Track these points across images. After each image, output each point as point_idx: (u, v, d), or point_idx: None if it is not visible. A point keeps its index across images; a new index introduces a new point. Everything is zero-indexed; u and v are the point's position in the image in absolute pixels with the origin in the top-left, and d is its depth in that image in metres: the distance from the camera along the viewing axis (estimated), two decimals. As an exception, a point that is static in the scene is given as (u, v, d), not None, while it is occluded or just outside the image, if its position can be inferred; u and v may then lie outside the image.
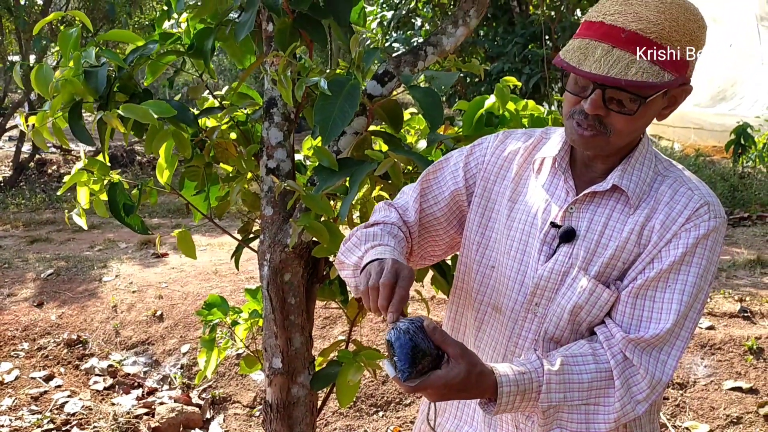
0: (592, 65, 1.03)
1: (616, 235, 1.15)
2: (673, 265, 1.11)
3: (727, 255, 4.63)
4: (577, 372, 1.08)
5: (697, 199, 1.14)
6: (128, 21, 9.01)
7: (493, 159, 1.31)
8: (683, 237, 1.12)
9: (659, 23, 1.03)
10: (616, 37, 1.04)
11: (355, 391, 2.11)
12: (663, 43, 1.04)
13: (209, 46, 2.12)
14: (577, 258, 1.17)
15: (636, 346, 1.10)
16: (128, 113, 1.85)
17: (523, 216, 1.23)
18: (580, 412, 1.09)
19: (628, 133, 1.11)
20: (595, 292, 1.15)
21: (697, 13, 1.08)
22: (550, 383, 1.07)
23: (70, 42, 2.00)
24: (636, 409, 1.10)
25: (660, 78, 1.03)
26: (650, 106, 1.08)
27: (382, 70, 1.94)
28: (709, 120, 8.92)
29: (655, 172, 1.18)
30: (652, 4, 1.04)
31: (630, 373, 1.10)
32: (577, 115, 1.10)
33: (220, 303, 2.35)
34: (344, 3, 1.94)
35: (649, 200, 1.16)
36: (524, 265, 1.21)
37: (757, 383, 3.04)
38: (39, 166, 9.69)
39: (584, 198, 1.18)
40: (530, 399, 1.07)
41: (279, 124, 2.00)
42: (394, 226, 1.30)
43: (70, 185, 2.13)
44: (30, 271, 4.83)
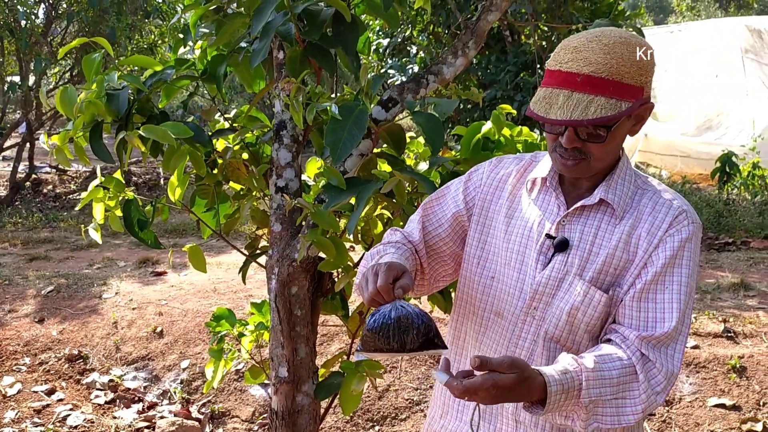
0: (557, 112, 1.19)
1: (605, 243, 1.30)
2: (666, 267, 1.25)
3: (711, 278, 4.78)
4: (607, 369, 1.20)
5: (675, 208, 1.29)
6: (128, 45, 9.16)
7: (489, 181, 1.45)
8: (669, 242, 1.26)
9: (606, 63, 1.18)
10: (573, 82, 1.19)
11: (358, 400, 2.22)
12: (614, 79, 1.18)
13: (222, 72, 2.26)
14: (572, 265, 1.31)
15: (649, 343, 1.23)
16: (149, 134, 1.97)
17: (520, 230, 1.38)
18: (611, 406, 1.20)
19: (604, 155, 1.27)
20: (588, 294, 1.28)
21: (636, 44, 1.22)
22: (589, 380, 1.17)
23: (93, 66, 2.13)
24: (657, 400, 1.22)
25: (618, 109, 1.18)
26: (618, 129, 1.24)
27: (387, 97, 2.07)
28: (695, 148, 9.14)
29: (636, 186, 1.34)
30: (597, 48, 1.19)
31: (648, 368, 1.22)
32: (559, 148, 1.27)
33: (228, 315, 2.46)
34: (352, 33, 2.08)
35: (632, 212, 1.31)
36: (523, 274, 1.35)
37: (740, 400, 3.16)
38: (35, 185, 9.76)
39: (575, 211, 1.33)
40: (572, 397, 1.17)
41: (288, 146, 2.13)
42: (397, 243, 1.44)
43: (87, 201, 2.24)
44: (30, 288, 4.91)
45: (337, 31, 2.07)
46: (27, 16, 8.26)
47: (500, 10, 2.16)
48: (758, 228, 6.18)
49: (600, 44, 1.20)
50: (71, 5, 8.81)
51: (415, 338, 1.16)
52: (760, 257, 5.41)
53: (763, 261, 5.30)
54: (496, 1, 2.15)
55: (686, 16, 24.88)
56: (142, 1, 9.02)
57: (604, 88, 1.18)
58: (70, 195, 9.40)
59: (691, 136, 9.44)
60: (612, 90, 1.18)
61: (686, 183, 7.66)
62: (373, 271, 1.23)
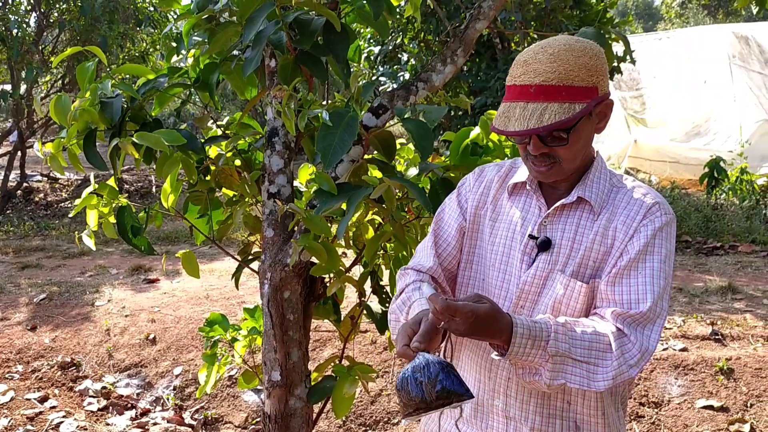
0: (515, 124, 1.25)
1: (584, 239, 1.35)
2: (639, 255, 1.30)
3: (700, 282, 4.83)
4: (579, 330, 1.24)
5: (649, 200, 1.34)
6: (119, 53, 9.18)
7: (475, 189, 1.51)
8: (643, 231, 1.31)
9: (554, 70, 1.25)
10: (527, 93, 1.26)
11: (350, 403, 2.24)
12: (565, 84, 1.24)
13: (214, 80, 2.29)
14: (556, 263, 1.35)
15: (625, 319, 1.27)
16: (142, 140, 2.00)
17: (504, 232, 1.42)
18: (582, 369, 1.23)
19: (573, 156, 1.32)
20: (569, 286, 1.33)
21: (582, 48, 1.28)
22: (558, 332, 1.22)
23: (87, 75, 2.16)
24: (629, 372, 1.25)
25: (572, 111, 1.23)
26: (580, 129, 1.29)
27: (377, 104, 2.11)
28: (684, 154, 9.22)
29: (611, 184, 1.39)
30: (544, 58, 1.26)
31: (623, 342, 1.26)
32: (530, 156, 1.33)
33: (221, 320, 2.48)
34: (342, 42, 2.11)
35: (609, 207, 1.36)
36: (508, 275, 1.40)
37: (727, 402, 3.20)
38: (26, 194, 9.74)
39: (555, 211, 1.38)
40: (539, 347, 1.21)
41: (280, 152, 2.16)
42: (415, 283, 1.47)
43: (81, 208, 2.26)
44: (23, 296, 4.91)
45: (328, 40, 2.11)
46: (18, 25, 8.27)
47: (488, 18, 2.21)
48: (746, 232, 6.24)
49: (546, 54, 1.26)
50: (63, 14, 8.83)
51: (432, 390, 1.14)
52: (747, 261, 5.48)
53: (750, 265, 5.36)
54: (484, 10, 2.19)
55: (675, 23, 25.09)
56: (134, 9, 9.03)
57: (556, 95, 1.24)
58: (62, 203, 9.39)
59: (680, 142, 9.52)
60: (564, 95, 1.24)
61: (675, 188, 7.72)
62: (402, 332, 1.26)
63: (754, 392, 3.23)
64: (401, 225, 2.10)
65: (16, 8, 8.66)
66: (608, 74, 1.33)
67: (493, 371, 1.39)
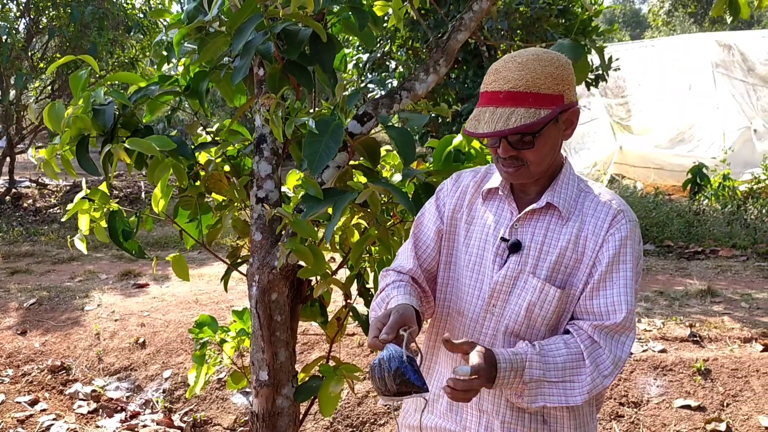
0: (484, 127, 1.33)
1: (554, 243, 1.43)
2: (611, 265, 1.39)
3: (680, 286, 4.93)
4: (551, 355, 1.35)
5: (614, 209, 1.43)
6: (109, 59, 9.22)
7: (452, 194, 1.59)
8: (611, 241, 1.40)
9: (522, 78, 1.33)
10: (497, 99, 1.34)
11: (336, 402, 2.31)
12: (532, 91, 1.33)
13: (204, 88, 2.35)
14: (526, 264, 1.43)
15: (601, 331, 1.37)
16: (134, 146, 2.06)
17: (478, 235, 1.51)
18: (558, 388, 1.34)
19: (540, 160, 1.40)
20: (543, 290, 1.41)
21: (550, 59, 1.37)
22: (532, 361, 1.33)
23: (80, 83, 2.22)
24: (604, 382, 1.35)
25: (537, 116, 1.32)
26: (546, 134, 1.37)
27: (362, 111, 2.18)
28: (668, 161, 9.36)
29: (579, 190, 1.47)
30: (513, 66, 1.35)
31: (597, 354, 1.36)
32: (500, 159, 1.41)
33: (210, 322, 2.54)
34: (328, 51, 2.18)
35: (577, 213, 1.44)
36: (481, 275, 1.48)
37: (704, 401, 3.29)
38: (15, 200, 9.75)
39: (525, 216, 1.46)
40: (518, 375, 1.32)
41: (268, 158, 2.23)
42: (394, 282, 1.55)
43: (73, 213, 2.32)
44: (12, 301, 4.93)
45: (315, 50, 2.18)
46: (8, 31, 8.30)
47: (469, 29, 2.29)
48: (727, 237, 6.36)
49: (515, 63, 1.35)
50: (52, 20, 8.86)
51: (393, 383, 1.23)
52: (727, 265, 5.59)
53: (730, 269, 5.47)
54: (465, 22, 2.27)
55: (662, 31, 25.35)
56: (123, 16, 9.08)
57: (523, 100, 1.32)
58: (51, 209, 9.40)
59: (665, 149, 9.66)
60: (531, 101, 1.32)
61: (659, 194, 7.84)
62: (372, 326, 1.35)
63: (731, 392, 3.32)
64: (385, 228, 2.17)
65: (6, 14, 8.69)
66: (575, 84, 1.41)
67: None
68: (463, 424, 1.49)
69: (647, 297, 4.59)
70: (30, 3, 8.88)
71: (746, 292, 4.67)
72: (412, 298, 1.43)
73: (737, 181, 7.97)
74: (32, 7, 8.88)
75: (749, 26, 22.45)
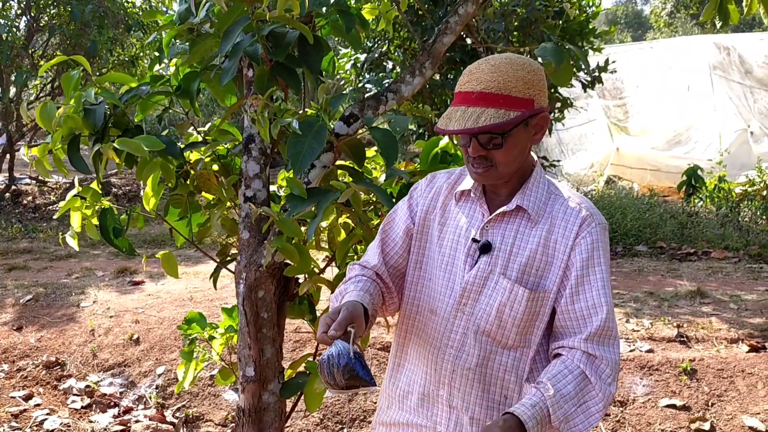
0: (454, 124, 1.37)
1: (524, 245, 1.47)
2: (585, 269, 1.43)
3: (671, 287, 4.97)
4: (564, 387, 1.38)
5: (584, 213, 1.47)
6: (109, 58, 9.26)
7: (425, 194, 1.63)
8: (582, 245, 1.44)
9: (494, 80, 1.38)
10: (469, 99, 1.39)
11: (321, 398, 2.35)
12: (503, 93, 1.37)
13: (195, 88, 2.39)
14: (496, 265, 1.47)
15: (592, 342, 1.41)
16: (123, 146, 2.10)
17: (450, 236, 1.54)
18: (579, 414, 1.38)
19: (508, 162, 1.44)
20: (513, 291, 1.45)
21: (522, 64, 1.41)
22: (554, 405, 1.35)
23: (72, 83, 2.26)
24: (611, 390, 1.40)
25: (506, 117, 1.36)
26: (515, 136, 1.41)
27: (349, 113, 2.22)
28: (665, 162, 9.40)
29: (549, 193, 1.51)
30: (486, 68, 1.39)
31: (596, 366, 1.40)
32: (470, 159, 1.45)
33: (199, 319, 2.58)
34: (316, 53, 2.22)
35: (547, 216, 1.48)
36: (453, 275, 1.51)
37: (689, 401, 3.33)
38: (14, 197, 9.80)
39: (496, 218, 1.50)
40: (545, 423, 1.35)
41: (256, 158, 2.27)
42: (357, 277, 1.60)
43: (65, 210, 2.36)
44: (9, 297, 4.98)
45: (303, 52, 2.22)
46: (8, 29, 8.34)
47: (455, 33, 2.33)
48: (719, 239, 6.40)
49: (488, 65, 1.40)
50: (53, 18, 8.90)
51: (341, 377, 1.29)
52: (718, 266, 5.63)
53: (721, 270, 5.51)
54: (451, 25, 2.31)
55: (664, 32, 25.35)
56: (123, 15, 9.13)
57: (493, 101, 1.37)
58: (50, 206, 9.45)
59: (661, 150, 9.71)
60: (501, 102, 1.37)
61: (654, 195, 7.88)
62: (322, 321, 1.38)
63: (716, 392, 3.36)
64: (369, 228, 2.21)
65: (6, 12, 8.74)
66: (546, 91, 1.45)
67: (438, 364, 1.51)
68: (434, 420, 1.53)
69: (637, 297, 4.63)
70: (31, 1, 8.93)
71: (735, 294, 4.71)
72: (366, 295, 1.47)
73: (733, 183, 8.01)
74: (33, 5, 8.93)
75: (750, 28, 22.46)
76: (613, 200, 7.37)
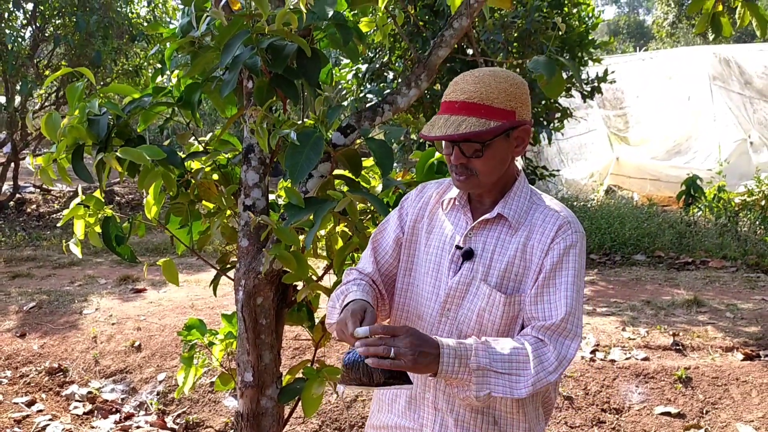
0: (436, 131, 1.43)
1: (504, 251, 1.51)
2: (553, 271, 1.47)
3: (668, 296, 5.00)
4: (499, 347, 1.41)
5: (561, 220, 1.51)
6: (113, 67, 9.35)
7: (415, 204, 1.69)
8: (555, 249, 1.48)
9: (477, 90, 1.44)
10: (452, 108, 1.45)
11: (318, 403, 2.39)
12: (485, 103, 1.43)
13: (196, 99, 2.45)
14: (477, 272, 1.52)
15: (546, 330, 1.44)
16: (125, 155, 2.16)
17: (436, 243, 1.60)
18: (504, 379, 1.39)
19: (489, 171, 1.49)
20: (491, 296, 1.49)
21: (505, 77, 1.47)
22: (478, 350, 1.39)
23: (76, 94, 2.32)
24: (548, 378, 1.41)
25: (487, 126, 1.41)
26: (495, 146, 1.46)
27: (346, 123, 2.28)
28: (665, 172, 9.44)
29: (531, 202, 1.56)
30: (470, 79, 1.46)
31: (542, 351, 1.42)
32: (453, 167, 1.51)
33: (199, 325, 2.63)
34: (314, 65, 2.28)
35: (526, 224, 1.53)
36: (438, 281, 1.57)
37: (684, 408, 3.36)
38: (19, 205, 9.87)
39: (478, 225, 1.55)
40: (464, 364, 1.38)
41: (256, 168, 2.32)
42: (356, 280, 1.65)
43: (68, 218, 2.41)
44: (12, 304, 5.03)
45: (301, 64, 2.27)
46: (14, 39, 8.44)
47: (450, 46, 2.38)
48: (717, 248, 6.43)
49: (473, 77, 1.47)
50: (58, 29, 9.00)
51: (380, 375, 1.35)
52: (716, 276, 5.66)
53: (718, 279, 5.54)
54: (446, 39, 2.37)
55: (666, 42, 25.43)
56: (128, 25, 9.22)
57: (475, 111, 1.43)
58: (54, 214, 9.52)
59: (661, 160, 9.75)
60: (483, 112, 1.42)
61: (652, 205, 7.92)
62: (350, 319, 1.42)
63: (710, 400, 3.39)
64: (365, 236, 2.26)
65: (12, 23, 8.83)
66: (529, 104, 1.50)
67: None
68: (420, 422, 1.57)
69: (634, 306, 4.66)
70: (36, 11, 9.03)
71: (732, 303, 4.75)
72: (369, 296, 1.53)
73: (732, 193, 8.04)
74: (38, 16, 9.03)
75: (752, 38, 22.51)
76: (612, 209, 7.42)
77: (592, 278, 5.79)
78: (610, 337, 3.99)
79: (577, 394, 3.48)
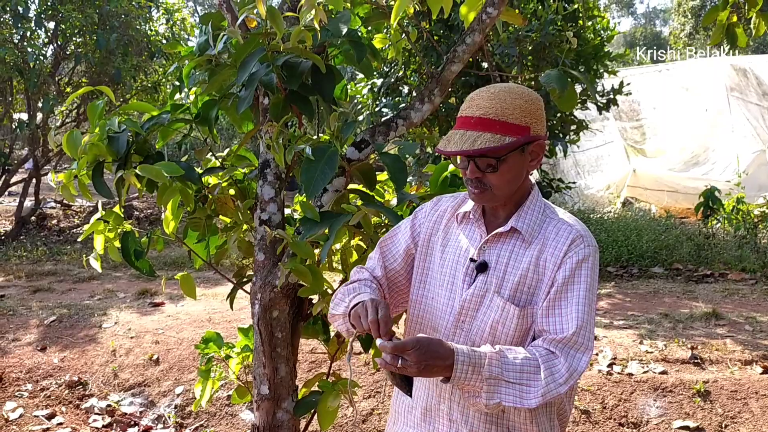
0: (452, 146, 1.45)
1: (518, 264, 1.53)
2: (565, 285, 1.48)
3: (686, 308, 4.96)
4: (512, 356, 1.43)
5: (574, 234, 1.52)
6: (133, 84, 9.49)
7: (430, 217, 1.70)
8: (568, 263, 1.49)
9: (492, 107, 1.46)
10: (468, 123, 1.47)
11: (334, 416, 2.41)
12: (500, 119, 1.45)
13: (213, 115, 2.49)
14: (491, 284, 1.53)
15: (558, 343, 1.45)
16: (144, 172, 2.20)
17: (451, 256, 1.61)
18: (514, 389, 1.41)
19: (503, 185, 1.51)
20: (505, 309, 1.51)
21: (520, 93, 1.49)
22: (491, 359, 1.40)
23: (96, 112, 2.37)
24: (558, 390, 1.42)
25: (501, 141, 1.43)
26: (510, 161, 1.48)
27: (360, 139, 2.31)
28: (682, 184, 9.38)
29: (544, 216, 1.57)
30: (486, 95, 1.48)
31: (552, 363, 1.43)
32: (468, 180, 1.53)
33: (216, 338, 2.66)
34: (328, 82, 2.31)
35: (540, 238, 1.54)
36: (453, 293, 1.58)
37: (703, 422, 3.33)
38: (40, 220, 10.01)
39: (492, 238, 1.56)
40: (477, 372, 1.40)
41: (271, 182, 2.36)
42: (367, 281, 1.68)
43: (89, 233, 2.46)
44: (33, 318, 5.11)
45: (316, 80, 2.31)
46: (36, 57, 8.60)
47: (462, 61, 2.41)
48: (737, 260, 6.37)
49: (488, 93, 1.48)
50: (79, 47, 9.16)
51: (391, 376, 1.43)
52: (735, 288, 5.61)
53: (737, 292, 5.49)
54: (459, 54, 2.39)
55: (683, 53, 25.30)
56: (147, 42, 9.36)
57: (491, 126, 1.44)
58: (74, 229, 9.64)
59: (678, 172, 9.69)
60: (498, 128, 1.44)
61: (670, 217, 7.86)
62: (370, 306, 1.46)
63: (729, 413, 3.36)
64: (380, 250, 2.27)
65: (34, 41, 9.01)
66: (544, 119, 1.52)
67: (439, 378, 1.56)
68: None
69: (651, 319, 4.63)
70: (57, 30, 9.21)
71: (751, 315, 4.70)
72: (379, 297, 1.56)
73: (752, 205, 7.97)
74: (59, 34, 9.20)
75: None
76: (629, 222, 7.38)
77: (609, 291, 5.76)
78: (628, 350, 3.97)
79: (595, 408, 3.46)
